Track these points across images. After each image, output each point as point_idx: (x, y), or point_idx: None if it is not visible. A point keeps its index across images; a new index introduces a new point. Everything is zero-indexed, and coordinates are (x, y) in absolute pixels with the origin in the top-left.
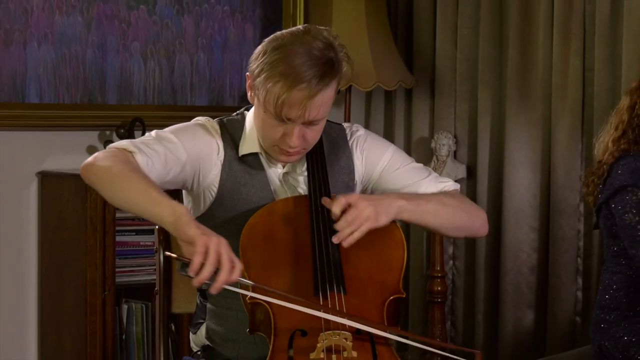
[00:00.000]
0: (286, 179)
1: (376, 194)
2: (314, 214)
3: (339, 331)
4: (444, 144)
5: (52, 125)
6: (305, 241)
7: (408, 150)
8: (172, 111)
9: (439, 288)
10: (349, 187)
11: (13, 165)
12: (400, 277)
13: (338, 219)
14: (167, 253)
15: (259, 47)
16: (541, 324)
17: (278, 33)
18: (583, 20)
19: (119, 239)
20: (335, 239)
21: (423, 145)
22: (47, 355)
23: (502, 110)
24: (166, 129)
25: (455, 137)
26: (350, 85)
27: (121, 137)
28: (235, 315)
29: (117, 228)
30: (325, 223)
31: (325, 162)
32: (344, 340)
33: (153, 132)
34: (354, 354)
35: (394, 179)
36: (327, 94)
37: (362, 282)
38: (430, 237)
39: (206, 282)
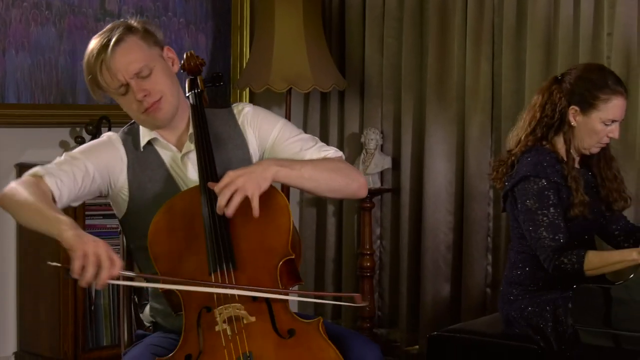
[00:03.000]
0: (184, 161)
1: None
2: (204, 201)
3: (229, 304)
4: (372, 138)
5: (29, 122)
6: (200, 228)
7: (341, 144)
8: None
9: (368, 264)
10: (245, 160)
11: None
12: (288, 240)
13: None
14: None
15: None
16: (456, 295)
17: None
18: (492, 31)
19: (88, 222)
20: (227, 213)
21: (354, 140)
22: (26, 325)
23: (423, 109)
24: (75, 150)
25: (382, 132)
26: (290, 88)
27: (90, 133)
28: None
29: (86, 213)
30: (213, 207)
31: (211, 146)
32: (237, 310)
33: (63, 155)
34: (253, 318)
35: (285, 149)
36: (124, 49)
37: (253, 252)
38: (360, 220)
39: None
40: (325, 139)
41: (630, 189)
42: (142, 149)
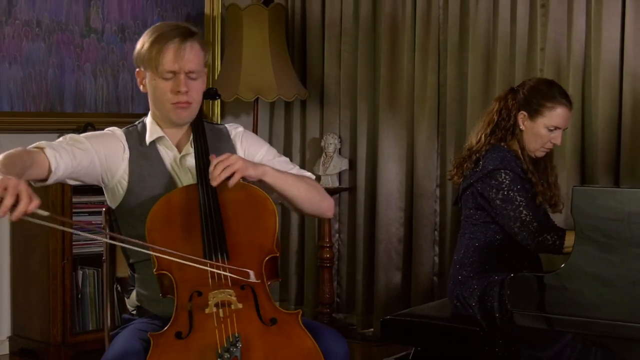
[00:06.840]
0: (182, 162)
1: None
2: (201, 195)
3: (222, 289)
4: (331, 142)
5: (21, 129)
6: (196, 220)
7: (302, 148)
8: (116, 118)
9: (327, 255)
10: None
11: None
12: (274, 240)
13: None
14: None
15: (138, 43)
16: (407, 283)
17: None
18: (438, 46)
19: (75, 218)
20: (213, 182)
21: (315, 144)
22: (19, 311)
23: (376, 116)
24: (80, 134)
25: (339, 137)
26: (257, 97)
27: None
28: (155, 281)
29: (74, 210)
30: (209, 202)
31: (208, 146)
32: (229, 296)
33: (68, 136)
34: (240, 305)
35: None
36: (194, 49)
37: (243, 247)
38: None
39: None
40: (289, 143)
41: (561, 189)
42: (147, 145)
